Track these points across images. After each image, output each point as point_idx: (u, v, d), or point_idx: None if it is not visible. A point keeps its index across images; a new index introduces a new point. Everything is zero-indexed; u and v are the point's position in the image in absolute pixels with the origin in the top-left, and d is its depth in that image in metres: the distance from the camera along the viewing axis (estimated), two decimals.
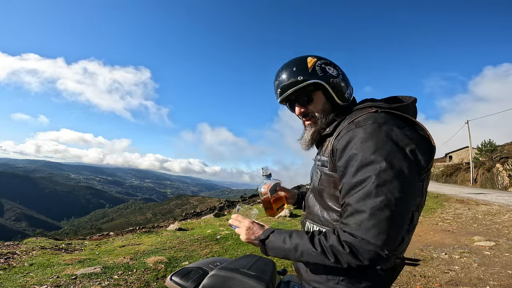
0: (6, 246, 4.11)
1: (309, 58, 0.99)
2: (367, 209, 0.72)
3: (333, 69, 0.99)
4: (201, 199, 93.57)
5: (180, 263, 3.67)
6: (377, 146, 0.75)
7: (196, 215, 18.52)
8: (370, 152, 0.75)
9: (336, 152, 0.85)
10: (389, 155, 0.74)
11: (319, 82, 0.95)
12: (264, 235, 0.91)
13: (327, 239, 0.78)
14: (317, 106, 1.00)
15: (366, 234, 0.71)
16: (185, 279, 1.28)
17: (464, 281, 3.09)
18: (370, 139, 0.77)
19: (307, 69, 0.96)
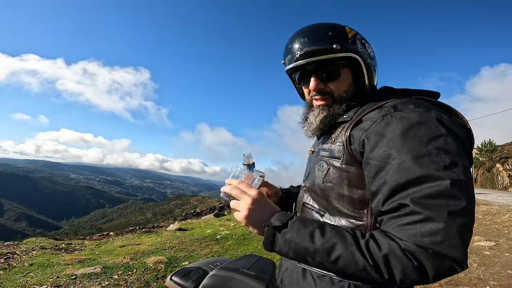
0: (6, 246, 4.11)
1: (347, 28, 0.79)
2: (443, 214, 0.52)
3: (371, 49, 0.82)
4: (201, 199, 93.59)
5: (180, 263, 3.68)
6: (433, 134, 0.58)
7: (196, 215, 18.52)
8: (425, 141, 0.57)
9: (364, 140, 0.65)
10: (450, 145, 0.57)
11: (357, 57, 0.77)
12: (279, 221, 0.63)
13: (379, 246, 0.55)
14: (340, 86, 0.80)
15: (442, 246, 0.51)
16: (185, 279, 1.28)
17: (464, 281, 3.09)
18: (422, 124, 0.59)
19: (346, 38, 0.77)
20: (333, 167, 0.73)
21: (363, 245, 0.56)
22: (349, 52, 0.76)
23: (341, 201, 0.72)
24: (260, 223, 0.66)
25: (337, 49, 0.75)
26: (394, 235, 0.56)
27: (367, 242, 0.57)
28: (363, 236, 0.59)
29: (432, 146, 0.56)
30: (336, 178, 0.72)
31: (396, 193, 0.57)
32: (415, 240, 0.53)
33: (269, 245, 0.64)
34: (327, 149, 0.77)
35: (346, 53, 0.76)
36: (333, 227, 0.62)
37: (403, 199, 0.55)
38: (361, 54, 0.78)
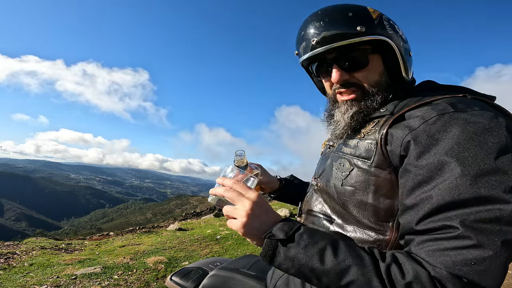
0: (6, 246, 4.11)
1: (370, 8, 0.66)
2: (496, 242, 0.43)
3: (402, 32, 0.68)
4: (201, 199, 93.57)
5: (180, 263, 3.67)
6: (502, 145, 0.46)
7: (196, 215, 18.51)
8: (493, 155, 0.46)
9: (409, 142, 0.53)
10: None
11: (387, 40, 0.63)
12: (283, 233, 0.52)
13: (403, 272, 0.46)
14: (370, 76, 0.67)
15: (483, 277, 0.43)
16: (185, 279, 1.28)
17: None
18: (489, 134, 0.47)
19: (371, 19, 0.64)
20: (358, 168, 0.61)
21: (383, 270, 0.47)
22: (377, 35, 0.63)
23: (363, 210, 0.60)
24: (261, 233, 0.54)
25: (362, 31, 0.62)
26: (424, 259, 0.47)
27: (389, 266, 0.47)
28: (383, 258, 0.49)
29: (502, 161, 0.45)
30: (361, 182, 0.60)
31: (442, 212, 0.46)
32: (454, 268, 0.44)
33: (268, 258, 0.54)
34: (352, 146, 0.64)
35: (374, 36, 0.62)
36: (348, 244, 0.52)
37: (450, 220, 0.45)
38: (391, 37, 0.64)
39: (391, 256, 0.49)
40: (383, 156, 0.57)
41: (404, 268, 0.46)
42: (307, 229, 0.54)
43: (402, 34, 0.69)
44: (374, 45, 0.65)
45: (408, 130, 0.54)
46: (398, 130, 0.56)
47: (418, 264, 0.46)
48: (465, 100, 0.55)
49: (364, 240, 0.60)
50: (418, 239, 0.49)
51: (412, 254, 0.49)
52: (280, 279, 0.80)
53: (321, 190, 0.72)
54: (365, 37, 0.62)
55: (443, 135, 0.49)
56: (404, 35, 0.69)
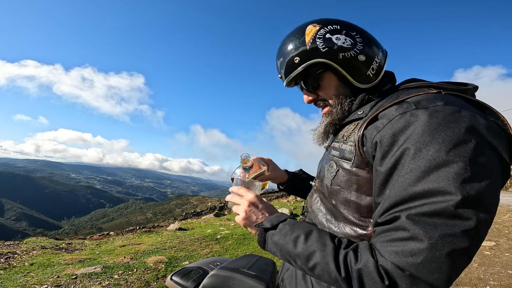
0: (6, 246, 4.11)
1: (310, 26, 0.71)
2: (433, 236, 0.45)
3: (345, 38, 0.69)
4: (201, 198, 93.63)
5: (180, 263, 3.68)
6: (458, 140, 0.47)
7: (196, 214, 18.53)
8: (446, 149, 0.47)
9: (377, 143, 0.56)
10: (476, 158, 0.46)
11: (321, 61, 0.69)
12: (270, 223, 0.64)
13: (357, 259, 0.51)
14: (329, 91, 0.74)
15: (421, 269, 0.45)
16: (185, 279, 1.28)
17: (464, 281, 3.09)
18: (446, 127, 0.49)
19: (304, 45, 0.70)
20: (342, 169, 0.66)
21: (341, 256, 0.53)
22: (311, 59, 0.70)
23: (348, 207, 0.66)
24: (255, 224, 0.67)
25: (298, 62, 0.71)
26: (377, 248, 0.51)
27: (347, 253, 0.53)
28: (348, 246, 0.55)
29: (454, 153, 0.47)
30: (345, 181, 0.65)
31: (396, 206, 0.50)
32: (394, 258, 0.48)
33: (261, 244, 0.66)
34: (338, 148, 0.70)
35: (308, 63, 0.70)
36: (320, 234, 0.59)
37: (400, 212, 0.49)
38: (324, 55, 0.69)
39: (355, 245, 0.55)
40: (361, 157, 0.61)
41: (359, 256, 0.52)
42: (291, 221, 0.64)
43: (345, 41, 0.69)
44: (319, 65, 0.71)
45: (376, 131, 0.58)
46: (370, 131, 0.59)
47: (371, 253, 0.51)
48: (433, 96, 0.56)
49: (351, 235, 0.65)
50: (377, 231, 0.54)
51: (371, 244, 0.54)
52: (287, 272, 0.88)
53: (318, 190, 0.79)
54: (303, 66, 0.71)
55: (402, 134, 0.52)
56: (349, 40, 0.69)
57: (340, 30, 0.70)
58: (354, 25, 0.73)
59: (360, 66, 0.70)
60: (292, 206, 9.26)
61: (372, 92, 0.72)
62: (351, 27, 0.72)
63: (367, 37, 0.72)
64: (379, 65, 0.72)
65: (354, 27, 0.72)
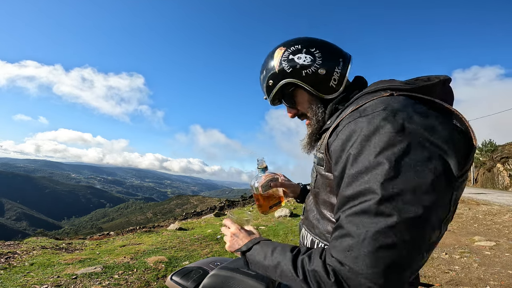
0: (6, 246, 4.11)
1: (277, 50, 0.82)
2: (361, 232, 0.50)
3: (306, 56, 0.78)
4: (201, 198, 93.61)
5: (180, 263, 3.68)
6: (386, 143, 0.51)
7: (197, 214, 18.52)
8: (375, 153, 0.52)
9: (332, 150, 0.63)
10: (402, 158, 0.50)
11: (289, 81, 0.80)
12: (246, 247, 0.74)
13: (310, 261, 0.57)
14: (303, 105, 0.84)
15: (356, 263, 0.50)
16: (186, 279, 1.28)
17: (465, 281, 3.09)
18: (378, 133, 0.53)
19: (274, 69, 0.82)
20: (319, 174, 0.76)
21: (299, 262, 0.59)
22: (280, 81, 0.81)
23: (326, 207, 0.75)
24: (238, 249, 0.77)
25: (271, 85, 0.83)
26: (329, 248, 0.56)
27: (303, 259, 0.59)
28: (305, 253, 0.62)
29: (382, 156, 0.51)
30: (321, 184, 0.76)
31: (340, 207, 0.57)
32: (337, 254, 0.53)
33: (246, 265, 0.75)
34: (316, 156, 0.79)
35: (279, 85, 0.82)
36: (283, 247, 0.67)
37: (341, 213, 0.56)
38: (290, 75, 0.79)
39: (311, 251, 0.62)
40: (329, 163, 0.68)
41: (312, 258, 0.58)
42: (263, 242, 0.73)
43: (305, 59, 0.78)
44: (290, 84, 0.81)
45: (333, 139, 0.64)
46: (331, 139, 0.66)
47: (320, 254, 0.57)
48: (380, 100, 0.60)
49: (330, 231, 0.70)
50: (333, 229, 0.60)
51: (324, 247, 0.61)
52: None
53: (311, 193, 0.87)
54: (276, 88, 0.83)
55: (348, 142, 0.58)
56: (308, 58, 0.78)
57: (301, 49, 0.79)
58: (314, 40, 0.81)
59: (322, 80, 0.78)
60: (292, 206, 9.28)
61: (340, 100, 0.78)
62: (311, 43, 0.80)
63: (326, 51, 0.79)
64: (341, 74, 0.78)
65: (314, 43, 0.80)
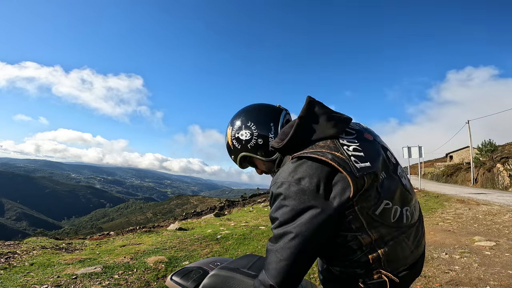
0: (6, 246, 4.11)
1: (227, 131, 1.09)
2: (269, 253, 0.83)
3: (245, 131, 1.03)
4: (201, 198, 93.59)
5: (180, 263, 3.68)
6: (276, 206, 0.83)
7: (197, 214, 18.52)
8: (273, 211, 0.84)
9: None
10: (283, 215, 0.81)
11: (242, 155, 1.07)
12: None
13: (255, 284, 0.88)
14: (262, 167, 1.10)
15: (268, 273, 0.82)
16: (186, 279, 1.28)
17: (465, 281, 3.09)
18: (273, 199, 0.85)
19: (229, 146, 1.09)
20: None
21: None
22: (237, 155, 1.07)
23: None
24: None
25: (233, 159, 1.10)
26: None
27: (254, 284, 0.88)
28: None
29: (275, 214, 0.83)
30: None
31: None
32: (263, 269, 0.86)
33: None
34: None
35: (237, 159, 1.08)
36: None
37: None
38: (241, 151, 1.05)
39: None
40: None
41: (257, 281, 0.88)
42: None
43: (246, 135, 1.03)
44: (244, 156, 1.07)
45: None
46: None
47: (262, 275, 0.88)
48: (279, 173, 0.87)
49: None
50: None
51: None
52: None
53: None
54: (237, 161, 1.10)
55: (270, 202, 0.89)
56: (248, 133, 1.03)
57: (241, 126, 1.04)
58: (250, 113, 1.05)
59: (262, 147, 1.02)
60: None
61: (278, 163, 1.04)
62: (247, 118, 1.04)
63: (259, 121, 1.03)
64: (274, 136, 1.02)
65: (250, 117, 1.04)
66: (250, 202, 18.84)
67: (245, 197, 24.15)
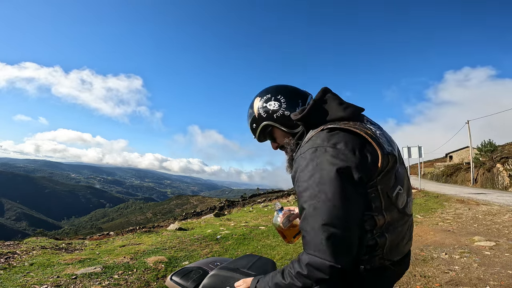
0: (6, 246, 4.11)
1: (256, 100, 1.12)
2: (310, 229, 0.78)
3: (274, 102, 1.08)
4: (201, 198, 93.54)
5: (180, 263, 3.68)
6: (311, 172, 0.81)
7: (196, 215, 18.52)
8: (306, 179, 0.82)
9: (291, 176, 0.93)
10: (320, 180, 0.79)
11: (266, 124, 1.09)
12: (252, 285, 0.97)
13: (293, 267, 0.83)
14: (281, 140, 1.12)
15: (315, 251, 0.77)
16: (185, 279, 1.28)
17: (464, 281, 3.09)
18: (306, 167, 0.83)
19: (254, 115, 1.12)
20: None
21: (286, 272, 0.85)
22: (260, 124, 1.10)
23: None
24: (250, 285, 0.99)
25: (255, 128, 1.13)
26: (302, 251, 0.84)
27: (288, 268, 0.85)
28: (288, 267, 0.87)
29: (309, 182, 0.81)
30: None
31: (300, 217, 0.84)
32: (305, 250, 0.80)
33: None
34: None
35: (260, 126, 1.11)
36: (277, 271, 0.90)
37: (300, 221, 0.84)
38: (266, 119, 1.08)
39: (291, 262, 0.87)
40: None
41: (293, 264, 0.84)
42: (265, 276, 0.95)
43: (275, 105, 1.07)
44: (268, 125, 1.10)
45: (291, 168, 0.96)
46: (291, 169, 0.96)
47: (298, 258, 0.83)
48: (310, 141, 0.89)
49: None
50: None
51: None
52: None
53: None
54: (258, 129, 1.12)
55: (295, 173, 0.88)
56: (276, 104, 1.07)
57: (271, 97, 1.09)
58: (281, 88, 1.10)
59: (288, 119, 1.06)
60: (293, 206, 9.29)
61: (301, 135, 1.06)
62: (278, 92, 1.09)
63: (288, 96, 1.08)
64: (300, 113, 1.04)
65: (280, 91, 1.09)
66: (250, 202, 18.84)
67: (245, 197, 24.16)
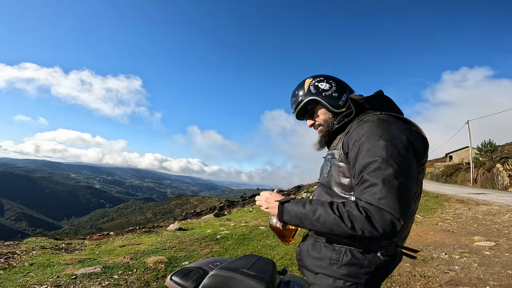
0: (6, 246, 4.11)
1: (307, 79, 1.22)
2: (379, 181, 0.83)
3: (326, 84, 1.18)
4: (201, 199, 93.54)
5: (180, 263, 3.68)
6: (382, 132, 0.90)
7: (196, 215, 18.52)
8: (377, 137, 0.89)
9: (348, 145, 0.98)
10: (393, 138, 0.88)
11: (313, 98, 1.17)
12: (285, 199, 1.01)
13: (345, 206, 0.87)
14: (320, 117, 1.20)
15: (380, 202, 0.81)
16: (185, 279, 1.28)
17: (464, 281, 3.09)
18: (376, 128, 0.92)
19: (304, 89, 1.20)
20: (333, 164, 1.06)
21: (335, 206, 0.88)
22: (307, 98, 1.18)
23: (339, 187, 1.02)
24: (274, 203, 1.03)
25: (301, 100, 1.20)
26: (357, 198, 0.88)
27: (338, 204, 0.89)
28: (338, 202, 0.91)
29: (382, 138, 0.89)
30: (335, 171, 1.04)
31: (362, 171, 0.89)
32: (367, 199, 0.84)
33: (279, 215, 1.00)
34: (330, 153, 1.11)
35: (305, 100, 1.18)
36: (317, 199, 0.96)
37: (364, 174, 0.88)
38: (314, 95, 1.17)
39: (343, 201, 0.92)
40: (342, 155, 1.02)
41: (346, 203, 0.88)
42: (297, 199, 0.99)
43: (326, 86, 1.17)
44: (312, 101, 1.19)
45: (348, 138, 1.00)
46: (346, 139, 1.02)
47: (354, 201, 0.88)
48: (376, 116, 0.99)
49: None
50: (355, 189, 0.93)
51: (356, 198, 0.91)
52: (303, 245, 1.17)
53: (321, 184, 1.14)
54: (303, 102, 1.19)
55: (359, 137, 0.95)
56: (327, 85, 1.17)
57: (323, 80, 1.19)
58: (332, 76, 1.21)
59: (335, 99, 1.16)
60: None
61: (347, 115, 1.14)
62: (330, 78, 1.20)
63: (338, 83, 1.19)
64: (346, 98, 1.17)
65: (332, 78, 1.20)
66: (249, 202, 18.84)
67: (244, 197, 24.15)
